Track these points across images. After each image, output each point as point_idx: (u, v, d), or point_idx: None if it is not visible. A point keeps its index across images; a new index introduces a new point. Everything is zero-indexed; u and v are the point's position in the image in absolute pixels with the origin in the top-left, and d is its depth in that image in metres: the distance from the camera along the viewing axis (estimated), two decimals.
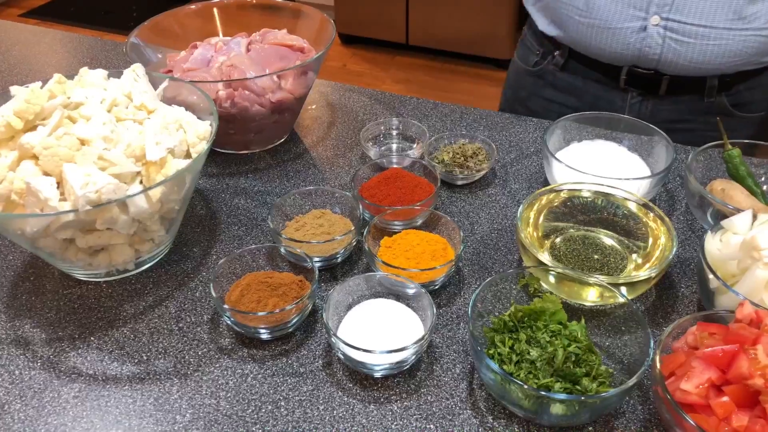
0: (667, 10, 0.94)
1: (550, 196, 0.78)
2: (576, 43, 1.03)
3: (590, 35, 1.00)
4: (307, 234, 0.78)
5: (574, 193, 0.78)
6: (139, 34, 0.97)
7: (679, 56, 0.96)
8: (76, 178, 0.63)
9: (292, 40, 0.99)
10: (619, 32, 0.97)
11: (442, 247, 0.76)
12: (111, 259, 0.73)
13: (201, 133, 0.75)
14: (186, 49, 1.00)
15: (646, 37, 0.96)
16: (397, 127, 0.97)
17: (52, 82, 0.74)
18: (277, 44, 0.97)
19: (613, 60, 1.02)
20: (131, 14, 4.18)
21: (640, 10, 0.95)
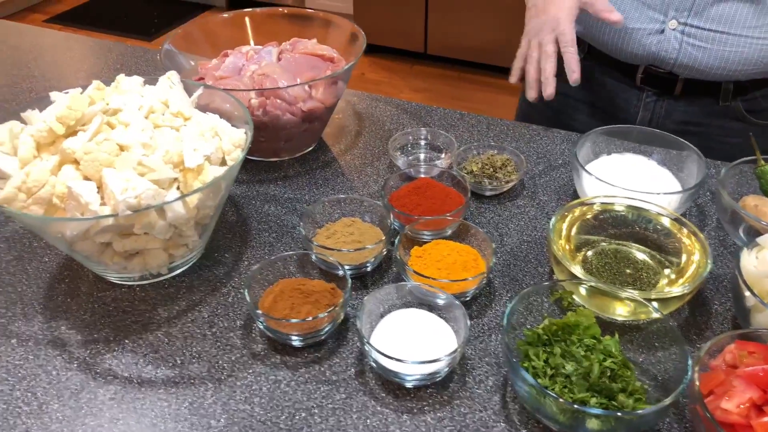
0: (686, 15, 0.95)
1: (582, 208, 0.78)
2: (595, 40, 1.04)
3: (609, 34, 1.01)
4: (338, 242, 0.79)
5: (607, 206, 0.78)
6: (173, 41, 0.98)
7: (695, 60, 0.97)
8: (116, 183, 0.63)
9: (323, 49, 0.99)
10: (636, 33, 0.98)
11: (473, 258, 0.76)
12: (146, 263, 0.74)
13: (236, 140, 0.75)
14: (217, 57, 1.01)
15: (663, 40, 0.97)
16: (425, 137, 0.98)
17: (91, 88, 0.75)
18: (308, 54, 0.98)
19: (630, 59, 1.03)
20: (152, 20, 4.23)
21: (659, 13, 0.96)
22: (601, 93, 1.11)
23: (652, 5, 0.97)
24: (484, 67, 3.41)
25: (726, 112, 1.03)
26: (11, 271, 0.80)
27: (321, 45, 1.01)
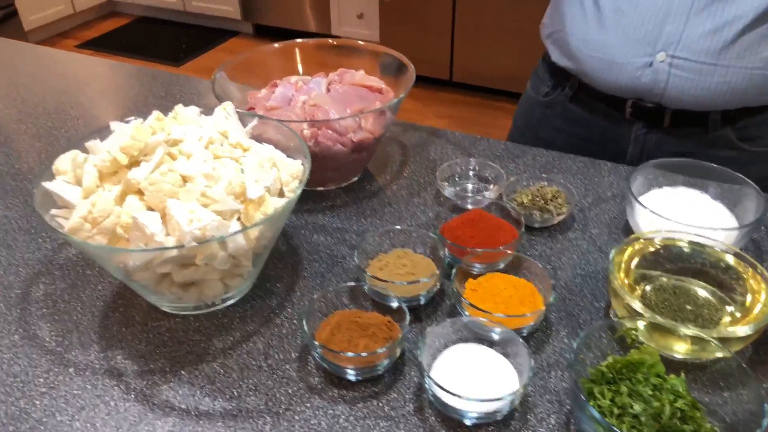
0: (674, 47, 0.96)
1: (641, 242, 0.77)
2: (585, 75, 1.06)
3: (598, 68, 1.03)
4: (391, 274, 0.78)
5: (668, 241, 0.77)
6: (224, 70, 0.99)
7: (683, 92, 0.98)
8: (182, 215, 0.64)
9: (371, 81, 1.00)
10: (626, 67, 1.00)
11: (529, 293, 0.75)
12: (202, 293, 0.74)
13: (294, 171, 0.76)
14: (266, 87, 1.02)
15: (651, 72, 0.99)
16: (474, 168, 0.98)
17: (152, 118, 0.76)
18: (356, 85, 0.99)
19: (619, 93, 1.05)
20: (180, 46, 4.31)
21: (648, 46, 0.98)
22: (592, 128, 1.13)
23: (641, 39, 0.98)
24: (507, 94, 3.43)
25: (716, 142, 1.05)
26: (66, 299, 0.80)
27: (369, 76, 1.02)
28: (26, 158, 1.09)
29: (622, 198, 0.96)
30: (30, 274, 0.84)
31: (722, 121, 1.03)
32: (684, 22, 0.95)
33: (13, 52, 1.49)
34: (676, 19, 0.95)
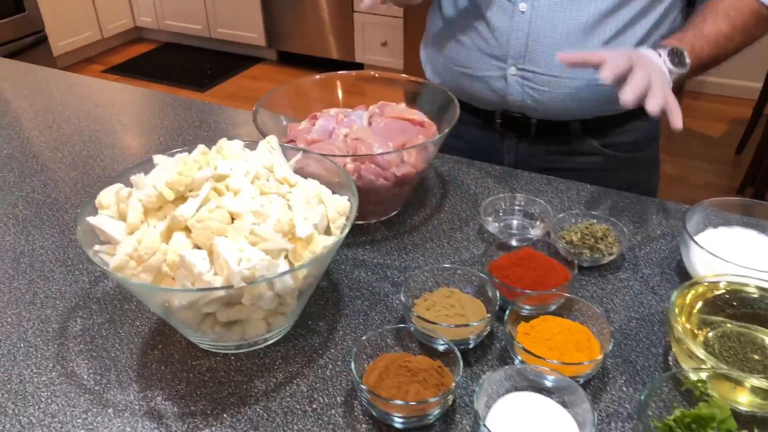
0: (522, 61, 1.03)
1: (703, 286, 0.74)
2: (453, 90, 1.06)
3: (463, 82, 1.09)
4: (438, 315, 0.75)
5: (732, 285, 0.74)
6: (265, 103, 0.98)
7: (538, 103, 1.05)
8: (231, 253, 0.62)
9: (412, 114, 0.99)
10: (485, 80, 1.07)
11: (585, 338, 0.72)
12: (244, 332, 0.71)
13: (341, 208, 0.74)
14: (306, 120, 1.01)
15: (507, 85, 1.06)
16: (519, 203, 0.95)
17: (197, 152, 0.74)
18: (398, 118, 0.97)
19: (486, 105, 1.12)
20: (205, 72, 4.35)
21: (500, 61, 1.05)
22: (469, 141, 1.19)
23: (492, 54, 1.05)
24: None
25: (581, 149, 1.12)
26: (104, 334, 0.78)
27: (410, 109, 1.00)
28: (63, 187, 1.08)
29: (672, 237, 0.93)
30: (67, 308, 0.82)
31: (583, 130, 1.09)
32: (526, 37, 1.01)
33: (48, 80, 1.50)
34: (519, 35, 1.01)
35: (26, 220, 0.99)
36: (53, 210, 1.02)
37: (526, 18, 1.00)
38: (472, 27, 1.06)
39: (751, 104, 3.18)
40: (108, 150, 1.19)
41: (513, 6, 1.01)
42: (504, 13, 1.02)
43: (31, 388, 0.71)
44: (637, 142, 1.15)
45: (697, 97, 3.79)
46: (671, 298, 0.71)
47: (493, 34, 1.04)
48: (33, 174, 1.11)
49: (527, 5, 1.00)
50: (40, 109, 1.36)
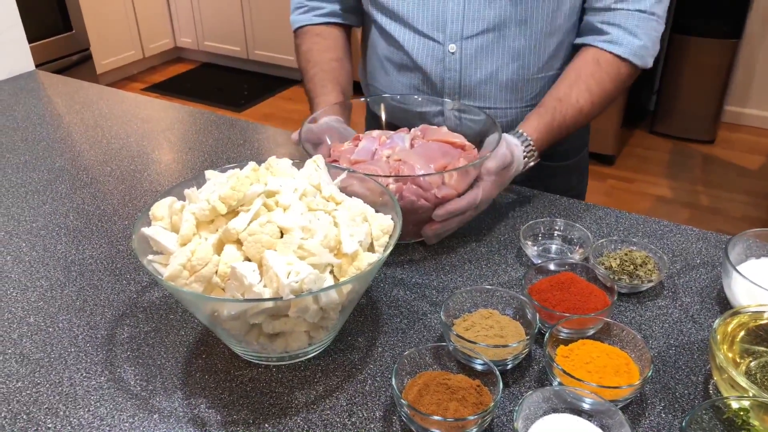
0: (457, 97, 1.14)
1: (745, 315, 0.74)
2: (400, 123, 1.11)
3: (406, 118, 1.13)
4: (478, 335, 0.76)
5: None
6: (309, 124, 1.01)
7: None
8: (281, 266, 0.64)
9: (454, 137, 1.00)
10: (426, 115, 1.15)
11: (624, 362, 0.72)
12: (287, 344, 0.73)
13: (384, 226, 0.76)
14: (350, 141, 1.03)
15: (445, 119, 1.14)
16: (559, 228, 0.96)
17: (248, 169, 0.77)
18: (439, 141, 0.99)
19: None
20: (242, 92, 4.45)
21: (437, 96, 1.15)
22: None
23: (430, 93, 1.15)
24: None
25: None
26: (150, 342, 0.81)
27: (451, 132, 1.02)
28: (111, 200, 1.12)
29: (712, 266, 0.93)
30: (115, 316, 0.85)
31: None
32: (459, 75, 1.11)
33: (97, 96, 1.56)
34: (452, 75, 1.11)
35: (77, 230, 1.03)
36: (102, 221, 1.05)
37: (456, 59, 1.09)
38: (406, 69, 1.15)
39: None
40: (154, 165, 1.23)
41: (443, 48, 1.09)
42: (434, 57, 1.10)
43: (81, 392, 0.73)
44: (569, 150, 1.25)
45: (735, 129, 3.76)
46: (714, 326, 0.71)
47: (427, 77, 1.13)
48: (83, 186, 1.16)
49: (456, 46, 1.08)
50: (90, 124, 1.41)
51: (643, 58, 1.06)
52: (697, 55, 3.43)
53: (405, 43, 1.12)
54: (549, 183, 1.19)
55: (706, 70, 3.45)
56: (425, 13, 1.08)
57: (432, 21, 1.08)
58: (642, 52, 1.05)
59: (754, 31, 3.56)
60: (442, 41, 1.09)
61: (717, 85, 3.49)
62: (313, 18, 1.22)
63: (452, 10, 1.06)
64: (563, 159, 1.26)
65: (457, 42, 1.07)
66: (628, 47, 1.05)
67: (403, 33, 1.11)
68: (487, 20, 1.05)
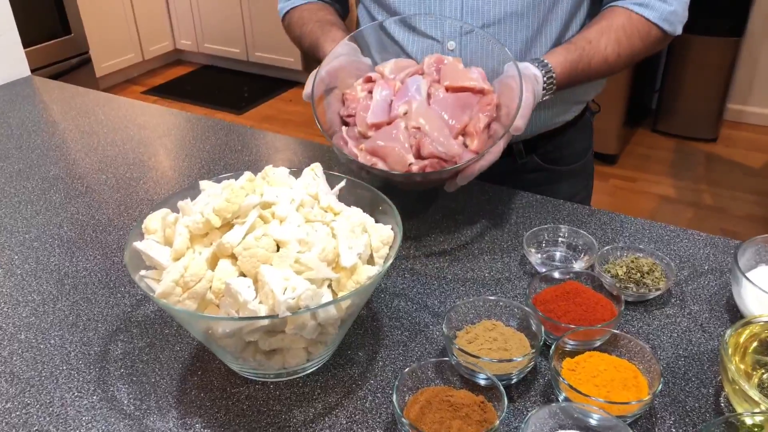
0: None
1: (758, 325, 0.72)
2: None
3: None
4: (481, 348, 0.74)
5: None
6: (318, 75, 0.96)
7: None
8: (276, 282, 0.62)
9: (470, 80, 0.94)
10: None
11: (632, 375, 0.70)
12: (285, 361, 0.71)
13: (385, 237, 0.73)
14: (361, 82, 0.98)
15: None
16: (563, 235, 0.94)
17: (243, 179, 0.75)
18: (456, 89, 0.94)
19: None
20: (242, 94, 4.43)
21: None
22: None
23: None
24: None
25: (526, 167, 1.19)
26: (144, 359, 0.78)
27: (466, 71, 0.96)
28: (106, 209, 1.09)
29: (720, 272, 0.90)
30: (109, 331, 0.83)
31: (525, 150, 1.17)
32: None
33: (94, 102, 1.54)
34: None
35: (71, 242, 1.01)
36: (97, 232, 1.03)
37: (455, 56, 1.03)
38: None
39: None
40: (151, 173, 1.21)
41: (442, 46, 1.05)
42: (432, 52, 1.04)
43: (73, 412, 0.71)
44: (574, 153, 1.24)
45: (737, 127, 3.73)
46: (725, 338, 0.68)
47: None
48: (78, 195, 1.14)
49: (455, 43, 1.04)
50: (86, 131, 1.39)
51: (673, 24, 1.03)
52: (699, 54, 3.40)
53: (403, 42, 1.08)
54: (555, 188, 1.17)
55: (708, 68, 3.42)
56: (422, 9, 1.05)
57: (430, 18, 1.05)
58: (672, 18, 1.03)
59: (756, 29, 3.53)
60: (441, 39, 1.06)
61: (719, 83, 3.46)
62: (299, 1, 1.18)
63: (450, 6, 1.03)
64: (569, 163, 1.23)
65: (456, 39, 1.04)
66: (659, 11, 1.01)
67: (401, 31, 1.08)
68: (487, 15, 1.03)
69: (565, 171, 1.23)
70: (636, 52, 1.03)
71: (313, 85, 0.94)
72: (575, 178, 1.26)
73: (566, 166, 1.23)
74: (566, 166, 1.23)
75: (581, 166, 1.26)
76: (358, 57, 1.03)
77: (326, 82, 0.97)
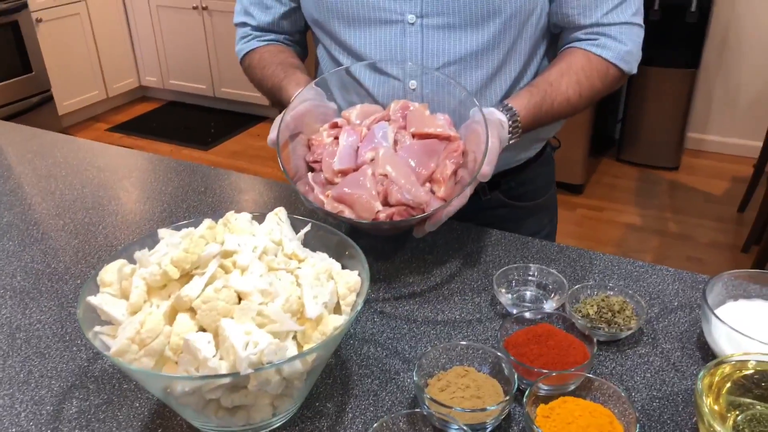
0: None
1: (730, 365, 0.71)
2: None
3: None
4: (454, 396, 0.72)
5: (760, 365, 0.71)
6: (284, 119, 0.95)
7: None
8: (237, 337, 0.59)
9: (436, 126, 0.94)
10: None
11: (608, 421, 0.68)
12: (249, 417, 0.68)
13: (351, 284, 0.71)
14: (327, 128, 0.97)
15: None
16: (533, 274, 0.93)
17: (203, 227, 0.72)
18: (422, 135, 0.94)
19: None
20: (209, 130, 4.39)
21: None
22: None
23: None
24: None
25: (491, 203, 1.19)
26: (101, 417, 0.74)
27: (432, 118, 0.96)
28: (63, 257, 1.05)
29: (690, 308, 0.90)
30: (63, 388, 0.79)
31: (489, 187, 1.17)
32: None
33: (52, 143, 1.49)
34: None
35: (24, 292, 0.96)
36: (52, 281, 0.99)
37: (417, 95, 1.04)
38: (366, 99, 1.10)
39: (751, 162, 3.20)
40: (111, 217, 1.17)
41: (403, 85, 1.05)
42: (395, 95, 1.05)
43: None
44: (538, 188, 1.24)
45: (697, 155, 3.82)
46: (698, 380, 0.68)
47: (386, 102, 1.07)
48: (33, 243, 1.09)
49: (416, 83, 1.04)
50: (43, 174, 1.35)
51: (629, 63, 1.06)
52: (657, 84, 3.49)
53: (364, 81, 1.08)
54: (520, 224, 1.17)
55: (667, 98, 3.51)
56: (383, 50, 1.05)
57: (390, 58, 1.05)
58: (629, 57, 1.06)
59: (711, 61, 3.64)
60: (402, 78, 1.06)
61: (678, 113, 3.55)
62: (258, 43, 1.17)
63: (410, 46, 1.03)
64: (532, 198, 1.24)
65: (417, 78, 1.05)
66: (616, 51, 1.04)
67: (362, 70, 1.08)
68: (447, 55, 1.03)
69: (530, 206, 1.23)
70: (596, 92, 1.06)
71: (279, 130, 0.93)
72: (540, 213, 1.26)
73: (530, 201, 1.23)
74: (530, 201, 1.23)
75: (545, 201, 1.27)
76: (324, 102, 1.02)
77: (291, 128, 0.96)
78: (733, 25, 3.55)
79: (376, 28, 1.04)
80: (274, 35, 1.19)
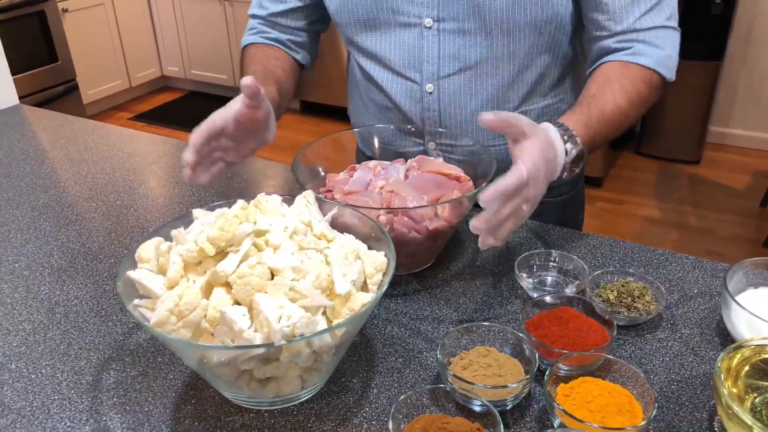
0: (438, 137, 1.11)
1: (749, 349, 0.72)
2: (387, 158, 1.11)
3: (388, 155, 1.13)
4: (476, 374, 0.74)
5: None
6: (302, 157, 0.99)
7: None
8: (271, 311, 0.62)
9: (449, 168, 0.99)
10: (407, 155, 1.10)
11: (627, 401, 0.70)
12: (279, 389, 0.71)
13: (378, 264, 0.74)
14: (345, 171, 1.02)
15: None
16: (554, 260, 0.94)
17: (237, 207, 0.75)
18: (434, 172, 0.98)
19: None
20: None
21: (419, 138, 1.13)
22: None
23: (412, 133, 1.13)
24: None
25: None
26: (137, 387, 0.78)
27: (447, 164, 1.01)
28: (96, 237, 1.09)
29: (710, 296, 0.92)
30: (101, 360, 0.82)
31: None
32: (438, 115, 1.09)
33: (83, 130, 1.53)
34: (432, 115, 1.09)
35: (61, 270, 1.00)
36: (87, 260, 1.03)
37: (434, 98, 1.07)
38: (387, 109, 1.14)
39: None
40: (141, 200, 1.21)
41: (420, 88, 1.07)
42: (413, 97, 1.09)
43: None
44: (564, 185, 1.21)
45: (719, 149, 3.79)
46: (717, 362, 0.69)
47: (407, 117, 1.12)
48: (68, 224, 1.13)
49: (433, 86, 1.06)
50: (76, 158, 1.38)
51: (670, 69, 0.99)
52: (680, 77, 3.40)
53: (383, 83, 1.11)
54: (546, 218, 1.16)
55: (689, 91, 3.48)
56: (401, 53, 1.07)
57: (408, 61, 1.07)
58: (669, 62, 0.98)
59: (735, 53, 3.61)
60: (419, 81, 1.07)
61: (701, 106, 3.52)
62: (262, 39, 1.18)
63: (427, 50, 1.05)
64: (560, 194, 1.23)
65: (434, 81, 1.06)
66: (654, 57, 0.97)
67: (381, 73, 1.10)
68: (463, 60, 1.04)
69: (556, 202, 1.22)
70: (644, 99, 0.97)
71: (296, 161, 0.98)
72: (565, 209, 1.26)
73: (557, 197, 1.22)
74: (557, 197, 1.22)
75: (571, 197, 1.26)
76: None
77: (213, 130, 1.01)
78: (759, 17, 3.51)
79: (395, 31, 1.06)
80: (279, 33, 1.18)
